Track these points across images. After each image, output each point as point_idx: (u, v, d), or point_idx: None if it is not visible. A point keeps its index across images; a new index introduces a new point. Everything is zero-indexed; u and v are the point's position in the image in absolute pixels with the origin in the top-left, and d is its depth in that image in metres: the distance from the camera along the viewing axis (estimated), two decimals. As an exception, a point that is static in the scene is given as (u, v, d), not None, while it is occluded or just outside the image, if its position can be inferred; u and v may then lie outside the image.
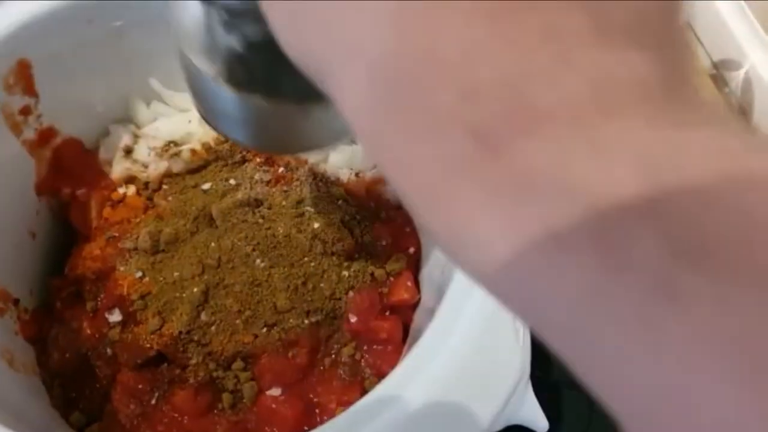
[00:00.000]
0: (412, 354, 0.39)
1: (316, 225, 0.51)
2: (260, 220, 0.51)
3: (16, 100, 0.50)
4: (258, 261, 0.50)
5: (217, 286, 0.49)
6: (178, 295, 0.49)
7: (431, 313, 0.46)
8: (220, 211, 0.51)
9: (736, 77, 0.87)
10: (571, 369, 0.17)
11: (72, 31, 0.50)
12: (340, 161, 0.58)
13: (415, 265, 0.55)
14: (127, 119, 0.58)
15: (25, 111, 0.50)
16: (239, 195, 0.52)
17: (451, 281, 0.42)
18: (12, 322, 0.51)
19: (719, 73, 0.87)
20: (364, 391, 0.50)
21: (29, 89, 0.50)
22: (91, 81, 0.54)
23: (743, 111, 0.87)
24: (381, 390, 0.38)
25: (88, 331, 0.51)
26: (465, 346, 0.38)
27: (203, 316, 0.48)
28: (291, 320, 0.49)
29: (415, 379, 0.38)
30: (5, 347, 0.48)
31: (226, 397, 0.48)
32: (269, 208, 0.52)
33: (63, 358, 0.51)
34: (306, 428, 0.48)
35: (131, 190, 0.55)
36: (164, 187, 0.55)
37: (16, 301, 0.52)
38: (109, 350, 0.50)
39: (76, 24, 0.50)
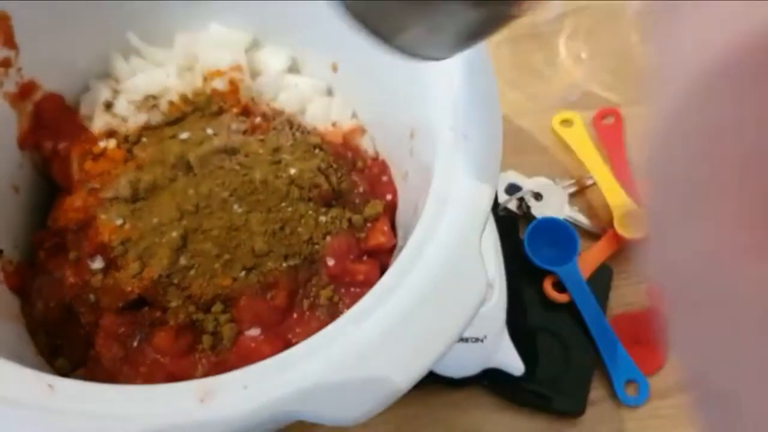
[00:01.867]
0: (378, 284, 0.40)
1: (292, 171, 0.52)
2: (237, 167, 0.52)
3: (-3, 52, 0.50)
4: (236, 206, 0.51)
5: (195, 231, 0.50)
6: (157, 240, 0.50)
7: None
8: (198, 158, 0.52)
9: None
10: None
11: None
12: (317, 112, 0.59)
13: (392, 211, 0.56)
14: (106, 74, 0.59)
15: (5, 63, 0.51)
16: (216, 142, 0.53)
17: (420, 216, 0.42)
18: (-3, 272, 0.52)
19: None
20: None
21: (8, 41, 0.51)
22: (71, 36, 0.55)
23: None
24: (346, 316, 0.39)
25: (71, 280, 0.52)
26: (428, 275, 0.39)
27: (182, 260, 0.49)
28: (269, 263, 0.50)
29: (379, 305, 0.39)
30: (-9, 296, 0.49)
31: (206, 339, 0.49)
32: (246, 156, 0.53)
33: (47, 307, 0.52)
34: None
35: (112, 143, 0.56)
36: (143, 139, 0.56)
37: (1, 253, 0.52)
38: (92, 296, 0.51)
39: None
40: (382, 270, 0.54)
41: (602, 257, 0.66)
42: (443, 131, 0.45)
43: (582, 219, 0.69)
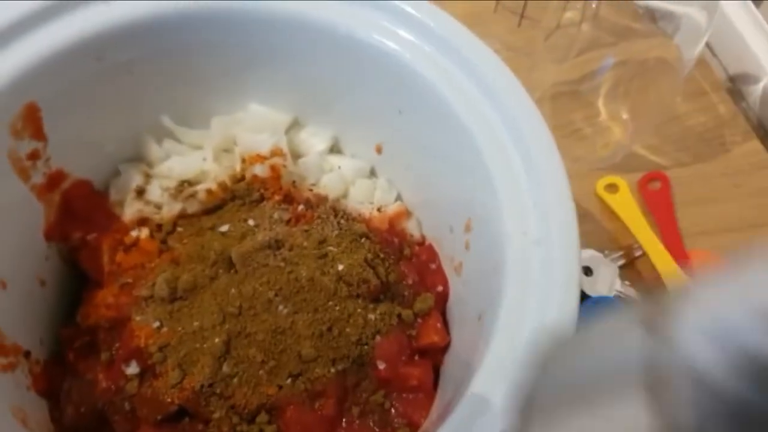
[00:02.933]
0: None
1: (340, 267, 0.49)
2: (282, 263, 0.49)
3: (24, 145, 0.47)
4: (281, 307, 0.47)
5: (239, 336, 0.47)
6: (198, 346, 0.47)
7: (465, 362, 0.44)
8: (240, 255, 0.48)
9: (755, 91, 0.85)
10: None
11: (80, 69, 0.48)
12: (360, 195, 0.55)
13: (443, 304, 0.53)
14: (138, 158, 0.56)
15: (34, 155, 0.48)
16: (259, 237, 0.49)
17: (493, 331, 0.39)
18: (23, 376, 0.48)
19: (736, 87, 0.86)
20: None
21: (37, 133, 0.47)
22: (100, 119, 0.52)
23: (762, 125, 0.85)
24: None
25: (104, 384, 0.48)
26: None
27: (225, 368, 0.46)
28: (317, 369, 0.47)
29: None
30: (17, 405, 0.46)
31: None
32: (290, 250, 0.50)
33: (78, 413, 0.48)
34: (337, 483, 0.46)
35: (144, 232, 0.52)
36: (179, 229, 0.53)
37: (27, 354, 0.49)
38: (126, 404, 0.47)
39: (84, 62, 0.48)
40: (435, 371, 0.50)
41: None
42: (512, 234, 0.41)
43: (634, 295, 0.65)
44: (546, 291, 0.39)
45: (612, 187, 0.72)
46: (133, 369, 0.48)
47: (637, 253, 0.68)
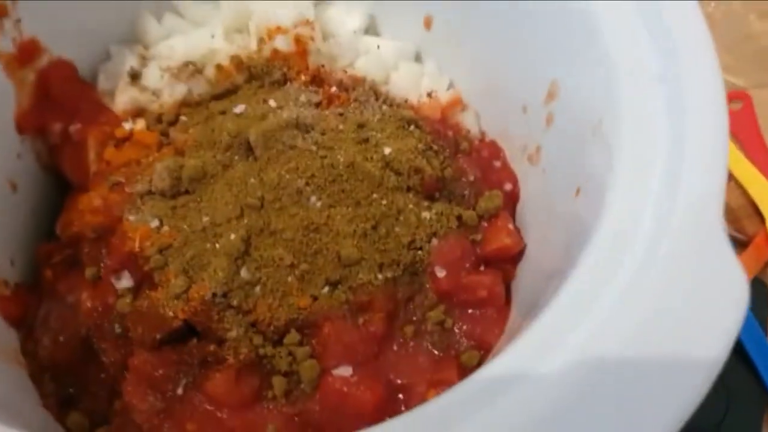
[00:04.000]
0: (581, 272, 0.26)
1: (387, 151, 0.39)
2: (313, 147, 0.39)
3: (-13, -6, 0.38)
4: (314, 198, 0.39)
5: (261, 233, 0.38)
6: (209, 246, 0.38)
7: (547, 270, 0.35)
8: (261, 136, 0.39)
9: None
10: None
11: None
12: (404, 81, 0.46)
13: (512, 206, 0.43)
14: (132, 38, 0.48)
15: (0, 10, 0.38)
16: (284, 115, 0.40)
17: (606, 194, 0.29)
18: (-11, 299, 0.39)
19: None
20: (461, 368, 0.38)
21: (5, -20, 0.38)
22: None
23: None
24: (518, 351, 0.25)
25: (89, 305, 0.40)
26: (654, 282, 0.26)
27: (244, 273, 0.37)
28: (360, 275, 0.38)
29: (591, 309, 0.25)
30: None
31: (278, 382, 0.37)
32: (323, 133, 0.40)
33: (56, 343, 0.40)
34: (388, 418, 0.35)
35: (140, 124, 0.45)
36: (182, 118, 0.44)
37: (-6, 274, 0.40)
38: (117, 327, 0.39)
39: None
40: (506, 284, 0.40)
41: (755, 270, 0.55)
42: (624, 70, 0.31)
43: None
44: (681, 137, 0.29)
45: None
46: (125, 282, 0.39)
47: (721, 178, 0.59)
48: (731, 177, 0.59)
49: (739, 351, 0.50)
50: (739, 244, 0.56)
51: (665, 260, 0.26)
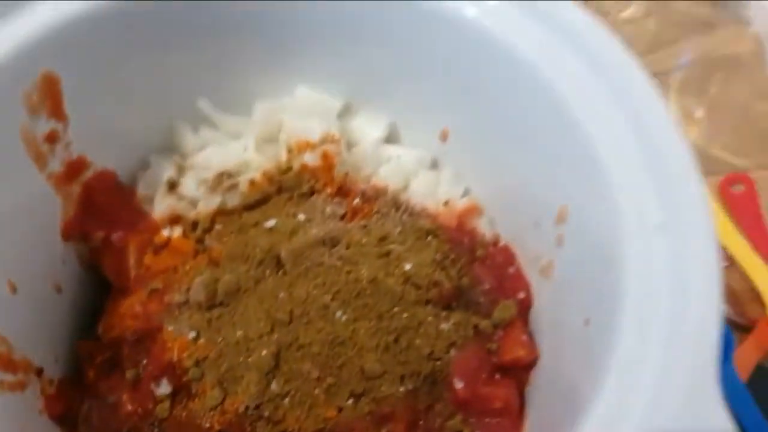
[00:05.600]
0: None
1: (407, 266, 0.42)
2: (338, 263, 0.42)
3: (41, 123, 0.41)
4: (339, 313, 0.41)
5: (290, 347, 0.40)
6: (242, 359, 0.40)
7: (565, 380, 0.37)
8: (291, 253, 0.42)
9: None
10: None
11: (106, 39, 0.42)
12: (423, 189, 0.48)
13: (526, 314, 0.45)
14: (170, 148, 0.50)
15: (52, 137, 0.42)
16: (313, 232, 0.42)
17: (610, 346, 0.31)
18: (35, 398, 0.42)
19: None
20: None
21: (57, 110, 0.41)
22: (128, 101, 0.46)
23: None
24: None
25: (129, 407, 0.42)
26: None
27: (274, 386, 0.39)
28: (383, 387, 0.40)
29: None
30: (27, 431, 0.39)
31: None
32: (348, 247, 0.43)
33: (98, 441, 0.42)
34: None
35: (177, 231, 0.47)
36: (217, 226, 0.46)
37: (39, 372, 0.43)
38: (157, 431, 0.41)
39: (111, 31, 0.42)
40: (521, 392, 0.42)
41: (757, 356, 0.56)
42: (626, 219, 0.34)
43: (724, 308, 0.58)
44: (678, 288, 0.32)
45: (692, 192, 0.65)
46: (164, 388, 0.41)
47: (724, 263, 0.61)
48: (733, 261, 0.61)
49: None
50: (741, 329, 0.58)
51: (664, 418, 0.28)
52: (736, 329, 0.58)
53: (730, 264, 0.61)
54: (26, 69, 0.39)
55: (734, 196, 0.65)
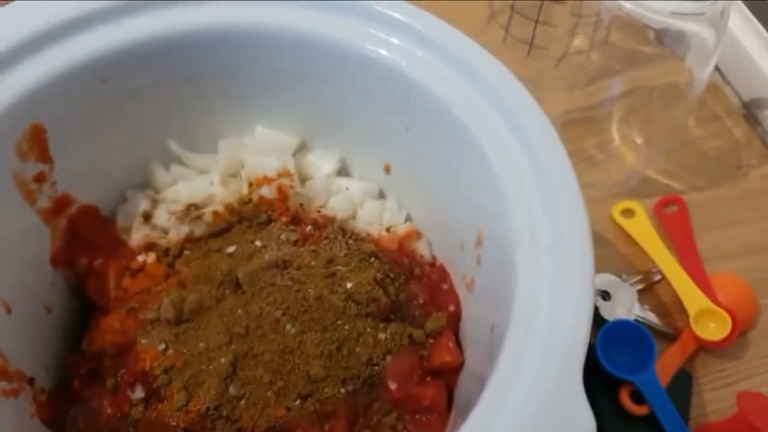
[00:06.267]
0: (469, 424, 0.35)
1: (348, 285, 0.48)
2: (289, 282, 0.48)
3: (30, 167, 0.47)
4: (288, 326, 0.46)
5: (246, 356, 0.46)
6: (204, 367, 0.46)
7: (479, 378, 0.43)
8: (247, 275, 0.47)
9: (769, 116, 0.84)
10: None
11: (86, 91, 0.48)
12: (369, 216, 0.55)
13: (455, 324, 0.51)
14: (145, 184, 0.56)
15: (40, 178, 0.48)
16: (266, 256, 0.48)
17: (503, 343, 0.38)
18: (27, 403, 0.47)
19: (750, 112, 0.85)
20: None
21: (43, 155, 0.47)
22: (107, 144, 0.51)
23: (779, 150, 0.83)
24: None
25: (109, 411, 0.47)
26: (523, 424, 0.34)
27: (232, 389, 0.45)
28: (326, 390, 0.45)
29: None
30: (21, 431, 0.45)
31: None
32: (298, 269, 0.49)
33: (83, 442, 0.47)
34: None
35: (151, 257, 0.52)
36: (186, 252, 0.52)
37: (32, 381, 0.48)
38: (132, 430, 0.46)
39: (89, 84, 0.48)
40: (449, 392, 0.48)
41: (680, 362, 0.61)
42: (522, 241, 0.40)
43: (653, 318, 0.63)
44: (558, 297, 0.38)
45: (628, 213, 0.71)
46: (138, 394, 0.47)
47: (656, 278, 0.67)
48: (664, 276, 0.67)
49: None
50: (668, 338, 0.64)
51: (536, 407, 0.35)
52: (664, 338, 0.64)
53: (662, 279, 0.67)
54: (18, 122, 0.45)
55: (668, 217, 0.71)
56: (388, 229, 0.54)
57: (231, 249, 0.50)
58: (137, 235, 0.53)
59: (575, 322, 0.37)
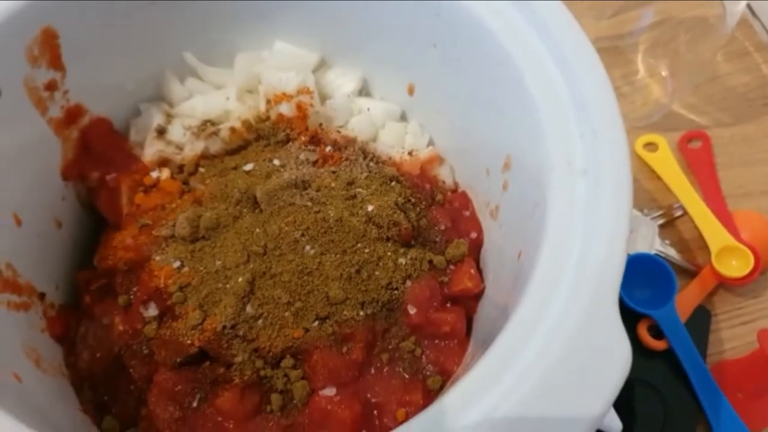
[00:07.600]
0: (496, 349, 0.34)
1: (369, 208, 0.46)
2: (309, 203, 0.46)
3: (41, 73, 0.45)
4: (308, 247, 0.45)
5: (263, 276, 0.44)
6: (221, 285, 0.44)
7: (501, 306, 0.42)
8: (266, 193, 0.46)
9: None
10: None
11: (102, -3, 0.46)
12: (390, 139, 0.53)
13: (477, 251, 0.50)
14: (159, 97, 0.54)
15: (51, 86, 0.46)
16: (285, 176, 0.47)
17: (534, 268, 0.36)
18: (38, 318, 0.46)
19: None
20: (426, 390, 0.45)
21: (55, 61, 0.45)
22: (121, 54, 0.49)
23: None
24: (465, 387, 0.33)
25: (121, 328, 0.46)
26: (558, 349, 0.33)
27: (249, 309, 0.44)
28: (345, 312, 0.44)
29: (492, 387, 0.33)
30: (31, 345, 0.44)
31: (275, 398, 0.43)
32: (318, 190, 0.47)
33: (93, 358, 0.46)
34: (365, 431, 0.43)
35: (165, 173, 0.50)
36: (201, 169, 0.51)
37: (42, 296, 0.47)
38: (144, 348, 0.45)
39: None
40: (468, 319, 0.47)
41: (699, 298, 0.60)
42: (556, 165, 0.39)
43: (674, 254, 0.62)
44: (593, 223, 0.36)
45: (651, 146, 0.69)
46: (151, 311, 0.46)
47: (678, 213, 0.65)
48: (685, 212, 0.65)
49: (678, 370, 0.57)
50: (688, 274, 0.63)
51: (569, 331, 0.33)
52: (684, 274, 0.63)
53: (683, 214, 0.66)
54: (28, 25, 0.43)
55: (691, 152, 0.69)
56: (409, 153, 0.52)
57: (248, 167, 0.49)
58: (150, 150, 0.51)
59: (610, 247, 0.35)
